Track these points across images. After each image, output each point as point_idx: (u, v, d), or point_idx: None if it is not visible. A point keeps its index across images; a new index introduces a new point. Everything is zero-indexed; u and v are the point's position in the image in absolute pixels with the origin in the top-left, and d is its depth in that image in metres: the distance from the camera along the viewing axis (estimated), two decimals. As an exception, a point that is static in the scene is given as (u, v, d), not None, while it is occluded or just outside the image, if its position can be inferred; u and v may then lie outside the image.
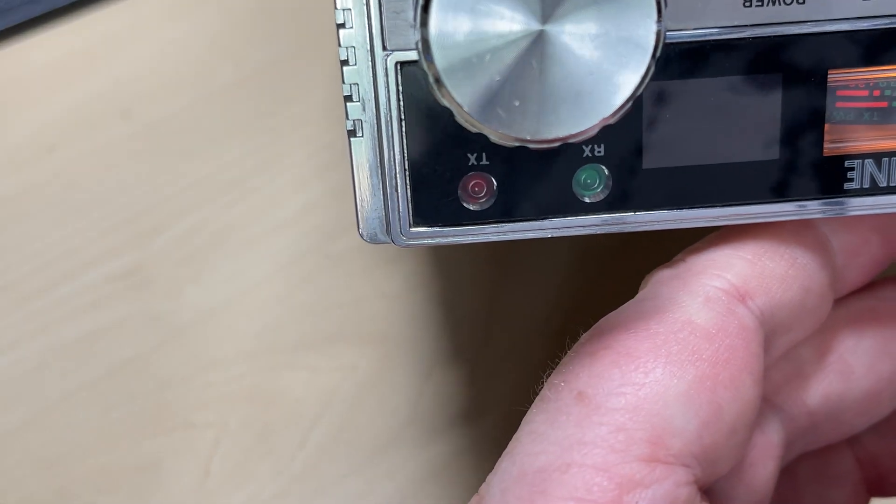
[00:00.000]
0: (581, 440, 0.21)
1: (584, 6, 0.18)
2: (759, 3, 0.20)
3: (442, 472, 0.37)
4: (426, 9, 0.19)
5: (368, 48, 0.21)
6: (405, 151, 0.21)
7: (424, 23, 0.19)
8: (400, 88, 0.21)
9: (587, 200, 0.22)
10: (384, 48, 0.21)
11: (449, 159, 0.22)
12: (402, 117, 0.21)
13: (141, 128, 0.33)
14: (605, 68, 0.19)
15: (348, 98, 0.21)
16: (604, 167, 0.22)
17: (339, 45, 0.21)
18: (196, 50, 0.34)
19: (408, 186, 0.22)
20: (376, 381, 0.35)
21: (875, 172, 0.22)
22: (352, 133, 0.21)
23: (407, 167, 0.21)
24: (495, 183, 0.22)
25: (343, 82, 0.21)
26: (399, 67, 0.21)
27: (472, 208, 0.22)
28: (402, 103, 0.21)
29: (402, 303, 0.36)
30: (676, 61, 0.21)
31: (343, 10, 0.21)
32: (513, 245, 0.37)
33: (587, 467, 0.20)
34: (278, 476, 0.34)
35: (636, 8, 0.19)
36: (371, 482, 0.36)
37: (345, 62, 0.21)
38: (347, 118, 0.21)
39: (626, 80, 0.19)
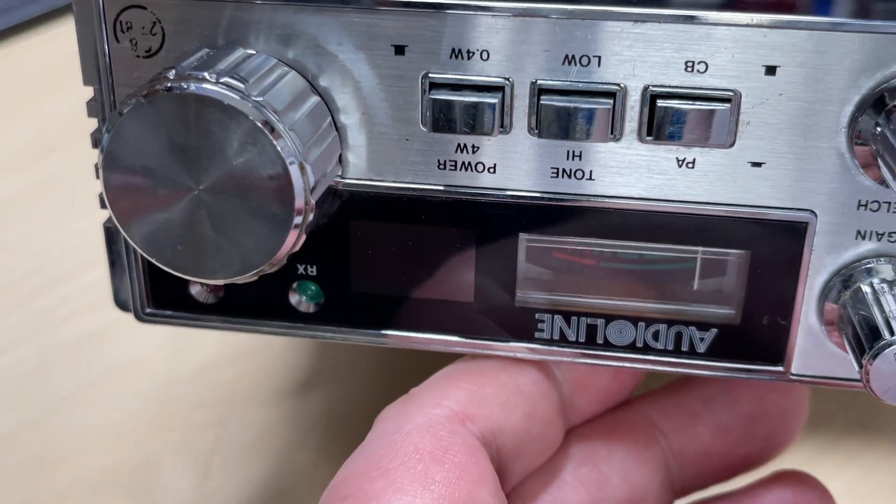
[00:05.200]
0: None
1: (227, 184, 0.20)
2: (453, 167, 0.22)
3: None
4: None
5: None
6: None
7: (99, 176, 0.21)
8: None
9: (301, 310, 0.24)
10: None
11: None
12: None
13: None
14: (253, 229, 0.21)
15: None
16: (316, 285, 0.24)
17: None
18: (196, 50, 0.33)
19: (147, 277, 0.25)
20: (376, 381, 0.35)
21: (564, 327, 0.23)
22: (108, 229, 0.24)
23: (147, 265, 0.24)
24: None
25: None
26: None
27: (200, 301, 0.25)
28: None
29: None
30: (377, 207, 0.23)
31: None
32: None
33: None
34: (278, 476, 0.34)
35: (275, 194, 0.20)
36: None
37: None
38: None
39: (275, 241, 0.21)
